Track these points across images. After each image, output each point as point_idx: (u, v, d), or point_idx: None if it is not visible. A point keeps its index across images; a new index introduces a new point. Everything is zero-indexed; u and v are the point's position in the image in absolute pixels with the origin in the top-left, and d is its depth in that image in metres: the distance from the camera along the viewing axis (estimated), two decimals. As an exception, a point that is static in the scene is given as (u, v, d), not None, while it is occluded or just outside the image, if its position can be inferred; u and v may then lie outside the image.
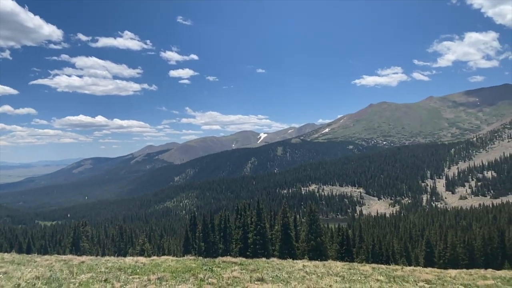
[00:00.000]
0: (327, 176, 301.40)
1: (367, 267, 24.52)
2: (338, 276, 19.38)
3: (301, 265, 22.97)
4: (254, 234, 61.97)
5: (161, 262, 21.19)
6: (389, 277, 20.43)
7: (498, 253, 73.16)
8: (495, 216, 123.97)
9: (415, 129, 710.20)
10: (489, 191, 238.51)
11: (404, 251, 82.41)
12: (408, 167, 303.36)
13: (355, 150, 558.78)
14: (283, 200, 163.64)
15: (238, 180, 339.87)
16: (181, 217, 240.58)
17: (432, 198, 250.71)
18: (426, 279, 20.28)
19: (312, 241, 57.42)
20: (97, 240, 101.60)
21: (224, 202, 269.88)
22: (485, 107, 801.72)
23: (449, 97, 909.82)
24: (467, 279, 21.76)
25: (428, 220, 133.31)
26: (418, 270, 25.71)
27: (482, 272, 26.88)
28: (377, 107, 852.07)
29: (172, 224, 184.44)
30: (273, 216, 75.15)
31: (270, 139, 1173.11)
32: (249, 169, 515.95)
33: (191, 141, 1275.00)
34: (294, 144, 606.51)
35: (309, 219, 60.13)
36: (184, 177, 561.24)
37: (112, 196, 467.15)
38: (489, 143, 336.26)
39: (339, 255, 61.79)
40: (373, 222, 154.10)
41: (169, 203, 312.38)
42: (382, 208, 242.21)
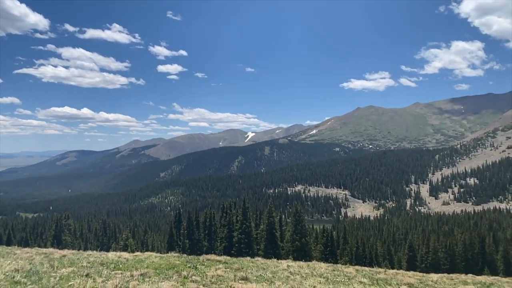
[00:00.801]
0: (313, 177, 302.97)
1: (350, 269, 24.63)
2: (322, 277, 19.38)
3: (286, 265, 22.93)
4: (239, 233, 61.80)
5: (144, 258, 20.90)
6: (372, 279, 20.52)
7: (479, 258, 74.40)
8: (476, 223, 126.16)
9: (401, 134, 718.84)
10: (471, 198, 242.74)
11: (387, 254, 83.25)
12: (393, 171, 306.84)
13: (341, 152, 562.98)
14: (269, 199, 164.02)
15: (224, 178, 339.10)
16: (166, 213, 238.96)
17: (416, 203, 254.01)
18: (408, 282, 20.43)
19: (297, 241, 57.55)
20: (79, 234, 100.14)
21: (210, 200, 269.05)
22: (470, 115, 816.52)
23: (435, 104, 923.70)
24: (448, 283, 22.02)
25: (411, 224, 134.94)
26: (401, 273, 25.92)
27: (462, 277, 27.27)
28: (364, 111, 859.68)
29: (156, 220, 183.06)
30: (259, 216, 75.11)
31: (258, 139, 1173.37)
32: (236, 167, 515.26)
33: (178, 137, 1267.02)
34: (281, 144, 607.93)
35: (295, 220, 60.25)
36: (170, 173, 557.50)
37: (96, 190, 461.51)
38: (473, 150, 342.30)
39: (323, 256, 62.06)
40: (357, 225, 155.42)
41: (154, 199, 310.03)
42: (367, 210, 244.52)
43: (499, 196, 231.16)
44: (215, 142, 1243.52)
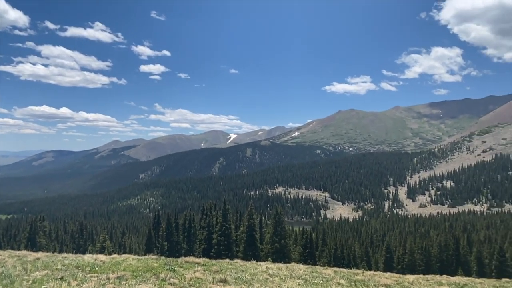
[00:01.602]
0: (294, 179, 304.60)
1: (329, 270, 24.79)
2: (301, 279, 19.48)
3: (265, 267, 22.94)
4: (218, 235, 61.55)
5: (121, 260, 20.58)
6: (350, 281, 20.73)
7: (453, 260, 76.15)
8: (452, 224, 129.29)
9: (380, 137, 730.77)
10: (447, 200, 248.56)
11: (365, 255, 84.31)
12: (372, 174, 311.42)
13: (322, 154, 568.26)
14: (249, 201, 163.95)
15: (205, 180, 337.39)
16: (145, 215, 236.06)
17: (394, 205, 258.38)
18: (385, 283, 20.72)
19: (276, 243, 57.73)
20: (55, 236, 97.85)
21: (190, 201, 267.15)
22: (447, 119, 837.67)
23: (414, 108, 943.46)
24: (424, 284, 22.42)
25: (389, 226, 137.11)
26: (378, 274, 26.26)
27: (438, 278, 27.82)
28: (346, 114, 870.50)
29: (135, 222, 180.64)
30: (239, 217, 74.98)
31: (240, 140, 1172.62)
32: (217, 169, 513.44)
33: (159, 138, 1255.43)
34: (263, 146, 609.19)
35: (275, 222, 60.43)
36: (149, 174, 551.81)
37: (74, 191, 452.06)
38: (449, 154, 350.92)
39: (302, 257, 62.42)
40: (336, 226, 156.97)
41: (133, 200, 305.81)
42: (346, 212, 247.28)
43: (474, 198, 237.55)
44: (196, 143, 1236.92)
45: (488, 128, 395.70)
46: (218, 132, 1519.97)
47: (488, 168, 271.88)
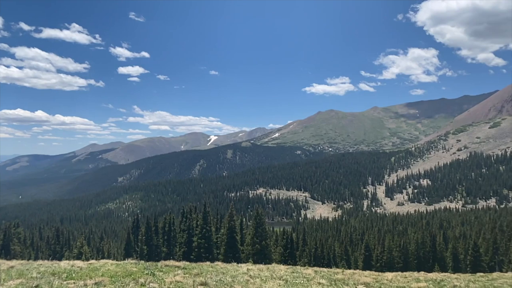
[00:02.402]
0: (275, 180, 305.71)
1: (309, 270, 24.99)
2: (282, 280, 19.58)
3: (246, 269, 22.95)
4: (199, 238, 61.19)
5: (99, 266, 20.21)
6: (331, 280, 20.95)
7: (430, 256, 77.89)
8: (428, 222, 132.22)
9: (359, 137, 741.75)
10: (424, 198, 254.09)
11: (345, 254, 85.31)
12: (351, 173, 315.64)
13: (302, 155, 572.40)
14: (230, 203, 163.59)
15: (185, 183, 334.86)
16: (124, 219, 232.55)
17: (372, 204, 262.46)
18: (365, 282, 21.02)
19: (257, 244, 57.76)
20: (30, 242, 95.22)
21: (169, 204, 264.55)
22: (424, 119, 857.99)
23: (391, 108, 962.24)
24: (402, 281, 22.85)
25: (368, 224, 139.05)
26: (358, 273, 26.63)
27: (415, 275, 28.42)
28: (325, 115, 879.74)
29: (113, 226, 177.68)
30: (220, 219, 74.75)
31: (221, 142, 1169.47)
32: (198, 171, 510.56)
33: (138, 141, 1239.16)
34: (244, 147, 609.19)
35: (255, 223, 60.47)
36: (128, 178, 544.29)
37: (50, 196, 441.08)
38: (426, 153, 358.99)
39: (282, 258, 62.67)
40: (316, 226, 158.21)
41: (111, 204, 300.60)
42: (326, 212, 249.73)
43: (449, 196, 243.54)
44: (176, 145, 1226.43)
45: (463, 127, 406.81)
46: (198, 134, 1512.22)
47: (463, 166, 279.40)
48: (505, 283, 23.76)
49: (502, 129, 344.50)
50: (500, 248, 75.20)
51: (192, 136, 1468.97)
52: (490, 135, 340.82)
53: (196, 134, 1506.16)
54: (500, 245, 75.94)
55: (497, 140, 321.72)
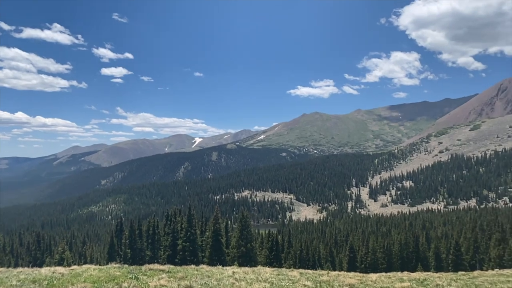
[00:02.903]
0: (260, 182, 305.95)
1: (295, 272, 25.02)
2: (267, 282, 19.54)
3: (231, 272, 22.84)
4: (183, 241, 60.74)
5: (82, 271, 19.83)
6: (316, 282, 20.99)
7: (413, 256, 79.03)
8: (411, 223, 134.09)
9: (343, 139, 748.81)
10: (407, 200, 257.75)
11: (330, 256, 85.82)
12: (336, 175, 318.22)
13: (288, 157, 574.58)
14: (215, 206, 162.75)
15: (169, 185, 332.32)
16: (107, 222, 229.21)
17: (357, 205, 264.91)
18: (350, 283, 21.14)
19: (242, 247, 57.64)
20: (9, 249, 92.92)
21: (153, 207, 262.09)
22: (406, 121, 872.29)
23: (375, 111, 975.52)
24: (387, 282, 23.05)
25: (352, 226, 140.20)
26: (343, 274, 26.77)
27: (399, 275, 28.72)
28: (310, 117, 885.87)
29: (96, 230, 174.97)
30: (205, 222, 74.33)
31: (206, 144, 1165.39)
32: (182, 174, 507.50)
33: (121, 143, 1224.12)
34: (229, 149, 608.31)
35: (241, 225, 60.36)
36: (111, 180, 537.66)
37: (31, 200, 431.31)
38: (409, 155, 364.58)
39: (268, 260, 62.68)
40: (301, 228, 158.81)
41: (94, 207, 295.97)
42: (311, 214, 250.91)
43: (432, 197, 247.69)
44: (160, 147, 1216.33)
45: (444, 130, 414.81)
46: (183, 136, 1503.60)
47: (444, 168, 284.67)
48: (485, 281, 24.21)
49: (482, 131, 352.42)
50: (480, 247, 76.86)
51: (176, 138, 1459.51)
52: (470, 137, 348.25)
53: (181, 136, 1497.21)
54: (481, 244, 77.63)
55: (477, 142, 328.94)
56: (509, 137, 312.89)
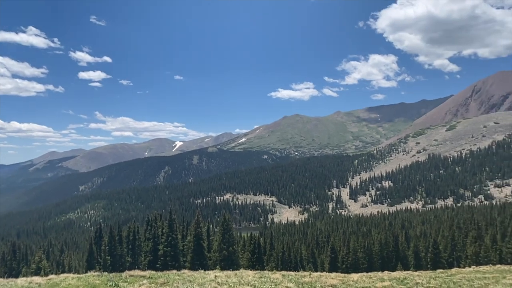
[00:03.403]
0: (242, 185, 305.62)
1: (277, 274, 25.07)
2: (250, 285, 19.53)
3: (213, 276, 22.73)
4: (165, 246, 60.08)
5: (59, 281, 19.38)
6: (298, 283, 21.10)
7: (393, 256, 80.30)
8: (391, 222, 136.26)
9: (323, 141, 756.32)
10: (386, 199, 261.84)
11: (311, 257, 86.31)
12: (317, 177, 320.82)
13: (269, 159, 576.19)
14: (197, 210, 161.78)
15: (150, 190, 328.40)
16: (86, 229, 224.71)
17: (337, 206, 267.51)
18: (331, 284, 21.32)
19: (224, 250, 57.41)
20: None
21: (134, 213, 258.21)
22: (385, 123, 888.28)
23: (354, 113, 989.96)
24: (368, 282, 23.35)
25: (333, 227, 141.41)
26: (325, 275, 26.97)
27: (380, 275, 29.15)
28: (291, 119, 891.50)
29: (74, 238, 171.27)
30: (186, 227, 73.72)
31: (186, 148, 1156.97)
32: (163, 178, 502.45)
33: (100, 148, 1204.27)
34: (210, 153, 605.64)
35: (222, 229, 60.12)
36: (90, 186, 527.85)
37: (6, 209, 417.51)
38: (387, 155, 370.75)
39: (250, 263, 62.59)
40: (283, 230, 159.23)
41: (72, 214, 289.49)
42: (292, 215, 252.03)
43: (410, 197, 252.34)
44: (140, 152, 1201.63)
45: (421, 130, 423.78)
46: (163, 140, 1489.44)
47: (422, 167, 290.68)
48: (463, 278, 24.82)
49: (458, 131, 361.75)
50: (457, 245, 78.73)
51: (156, 142, 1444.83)
52: (447, 137, 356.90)
53: (161, 140, 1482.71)
54: (458, 241, 79.53)
55: (453, 142, 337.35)
56: (483, 137, 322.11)
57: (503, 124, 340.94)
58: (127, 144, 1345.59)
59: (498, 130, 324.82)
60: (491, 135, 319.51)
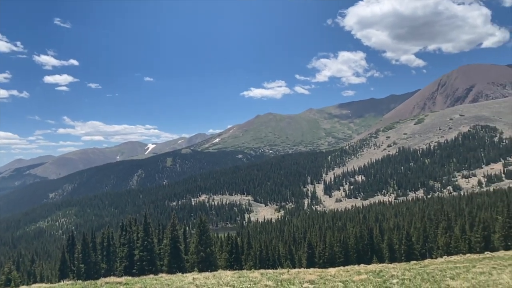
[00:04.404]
0: (218, 186, 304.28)
1: (256, 273, 25.06)
2: (229, 286, 19.44)
3: (191, 278, 22.47)
4: (140, 251, 59.06)
5: (30, 291, 18.67)
6: (277, 281, 21.15)
7: (368, 249, 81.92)
8: (365, 216, 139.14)
9: (297, 138, 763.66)
10: (360, 194, 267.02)
11: (289, 254, 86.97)
12: (292, 174, 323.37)
13: (244, 159, 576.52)
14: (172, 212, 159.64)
15: (123, 194, 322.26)
16: (57, 237, 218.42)
17: (313, 202, 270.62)
18: (310, 279, 21.48)
19: (202, 252, 56.99)
20: None
21: (107, 218, 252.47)
22: (355, 118, 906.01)
23: (325, 110, 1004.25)
24: (345, 275, 23.68)
25: (309, 223, 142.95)
26: (303, 271, 27.19)
27: (356, 268, 29.65)
28: (264, 118, 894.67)
29: (46, 247, 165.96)
30: (162, 230, 72.78)
31: (159, 150, 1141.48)
32: (136, 182, 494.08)
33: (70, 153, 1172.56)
34: (184, 154, 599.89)
35: (199, 230, 59.66)
36: (61, 193, 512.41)
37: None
38: (359, 150, 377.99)
39: (228, 263, 62.44)
40: (260, 228, 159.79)
41: (42, 223, 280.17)
42: (269, 213, 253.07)
43: (383, 190, 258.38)
44: (111, 156, 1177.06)
45: (391, 125, 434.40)
46: (135, 143, 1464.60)
47: (393, 161, 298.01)
48: (436, 268, 25.57)
49: (425, 125, 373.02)
50: (429, 236, 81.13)
51: (128, 145, 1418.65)
52: (415, 131, 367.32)
53: (133, 143, 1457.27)
54: (429, 233, 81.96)
55: (422, 135, 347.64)
56: (450, 129, 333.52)
57: (468, 116, 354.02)
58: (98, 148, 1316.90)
59: (464, 122, 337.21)
60: (457, 127, 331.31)
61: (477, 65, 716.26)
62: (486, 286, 17.46)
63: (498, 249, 58.41)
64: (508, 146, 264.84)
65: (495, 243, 67.57)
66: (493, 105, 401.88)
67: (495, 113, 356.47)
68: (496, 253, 40.65)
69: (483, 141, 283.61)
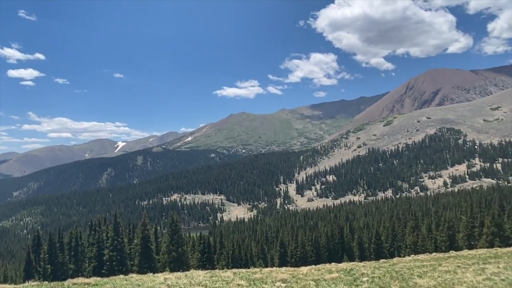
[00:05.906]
0: (190, 185, 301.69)
1: (228, 273, 25.01)
2: (201, 286, 19.32)
3: (163, 278, 22.19)
4: (110, 250, 57.84)
5: (-7, 293, 17.95)
6: (249, 280, 21.18)
7: (339, 247, 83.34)
8: (336, 215, 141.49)
9: (270, 138, 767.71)
10: (331, 193, 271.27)
11: (261, 253, 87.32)
12: (265, 174, 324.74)
13: (217, 158, 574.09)
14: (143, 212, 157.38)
15: (92, 193, 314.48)
16: (22, 237, 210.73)
17: (285, 201, 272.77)
18: (282, 278, 21.63)
19: (173, 252, 56.37)
20: None
21: (75, 218, 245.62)
22: (327, 119, 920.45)
23: (298, 110, 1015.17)
24: (316, 274, 23.95)
25: (281, 222, 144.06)
26: (275, 270, 27.34)
27: (328, 267, 30.06)
28: (237, 117, 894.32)
29: (9, 247, 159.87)
30: (132, 230, 71.48)
31: (130, 148, 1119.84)
32: (105, 180, 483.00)
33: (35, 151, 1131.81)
34: (155, 153, 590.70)
35: (171, 230, 58.97)
36: (25, 191, 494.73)
37: None
38: (330, 151, 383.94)
39: (200, 263, 62.09)
40: (233, 228, 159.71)
41: (6, 222, 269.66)
42: (242, 213, 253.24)
43: (353, 189, 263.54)
44: (80, 154, 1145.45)
45: (361, 126, 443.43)
46: (104, 141, 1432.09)
47: (363, 161, 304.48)
48: (404, 267, 26.30)
49: (394, 126, 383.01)
50: (397, 235, 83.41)
51: (97, 143, 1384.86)
52: (384, 132, 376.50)
53: (102, 141, 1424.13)
54: (398, 232, 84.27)
55: (391, 137, 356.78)
56: (417, 131, 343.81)
57: (434, 118, 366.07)
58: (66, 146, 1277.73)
59: (430, 124, 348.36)
60: (424, 129, 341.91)
61: (443, 69, 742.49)
62: (451, 284, 18.10)
63: (462, 248, 60.78)
64: (472, 148, 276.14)
65: (459, 242, 70.18)
66: (458, 108, 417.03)
67: (459, 117, 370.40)
68: (460, 252, 42.29)
69: (449, 143, 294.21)
